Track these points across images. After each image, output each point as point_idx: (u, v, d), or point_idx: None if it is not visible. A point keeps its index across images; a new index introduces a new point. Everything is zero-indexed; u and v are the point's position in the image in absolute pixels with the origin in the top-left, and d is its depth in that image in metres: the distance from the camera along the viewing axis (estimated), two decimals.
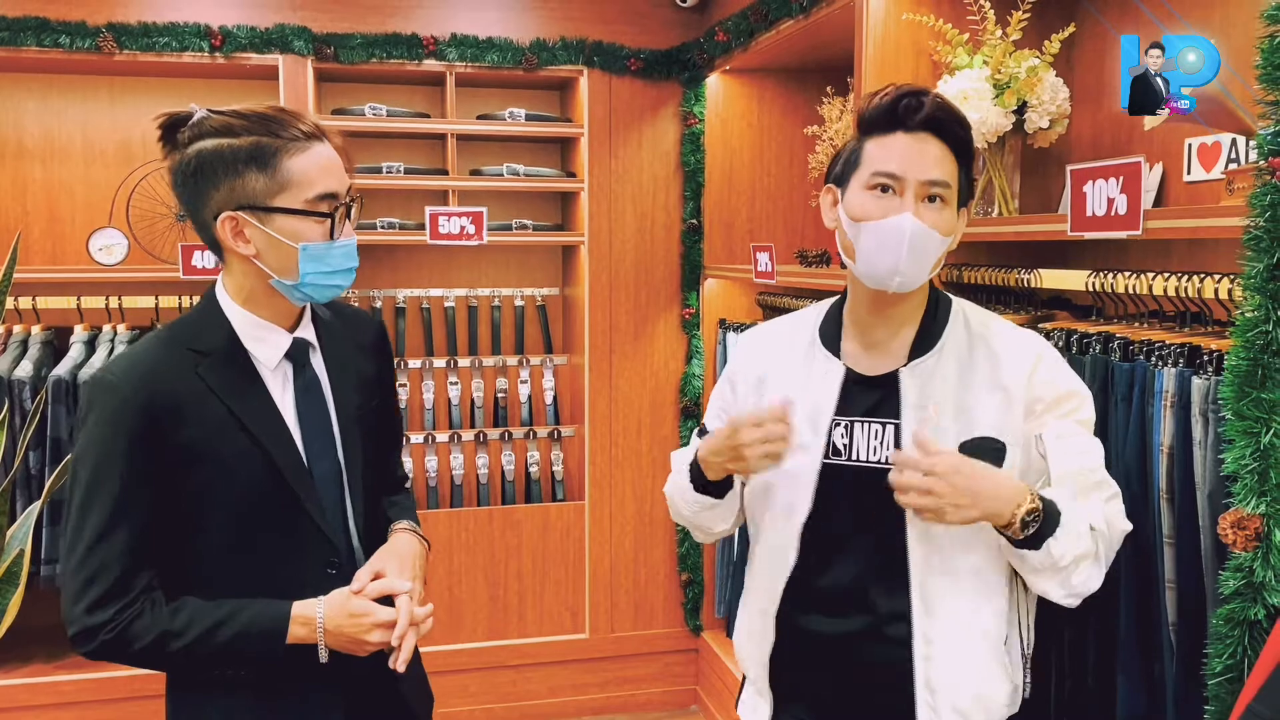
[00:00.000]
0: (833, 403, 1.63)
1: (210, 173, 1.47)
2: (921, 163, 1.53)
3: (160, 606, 1.47)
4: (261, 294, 1.55)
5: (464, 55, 3.56)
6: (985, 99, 2.20)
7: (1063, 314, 2.23)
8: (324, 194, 1.50)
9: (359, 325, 1.75)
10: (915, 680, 1.57)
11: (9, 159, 3.56)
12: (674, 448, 3.88)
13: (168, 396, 1.46)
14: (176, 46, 3.31)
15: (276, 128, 1.48)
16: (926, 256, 1.54)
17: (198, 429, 1.47)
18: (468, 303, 3.95)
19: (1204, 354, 1.68)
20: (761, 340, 1.79)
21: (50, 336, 3.41)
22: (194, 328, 1.56)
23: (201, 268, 3.27)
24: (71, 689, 3.28)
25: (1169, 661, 1.73)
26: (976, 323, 1.64)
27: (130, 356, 1.51)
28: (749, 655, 1.73)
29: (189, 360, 1.50)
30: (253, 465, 1.50)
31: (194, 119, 1.49)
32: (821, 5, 2.74)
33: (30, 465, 3.16)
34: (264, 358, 1.55)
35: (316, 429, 1.58)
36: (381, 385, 1.75)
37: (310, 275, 1.51)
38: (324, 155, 1.51)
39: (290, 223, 1.49)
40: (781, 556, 1.64)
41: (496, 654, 3.74)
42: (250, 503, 1.51)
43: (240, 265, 1.54)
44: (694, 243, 3.79)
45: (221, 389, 1.50)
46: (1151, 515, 1.74)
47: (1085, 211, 1.82)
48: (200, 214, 1.51)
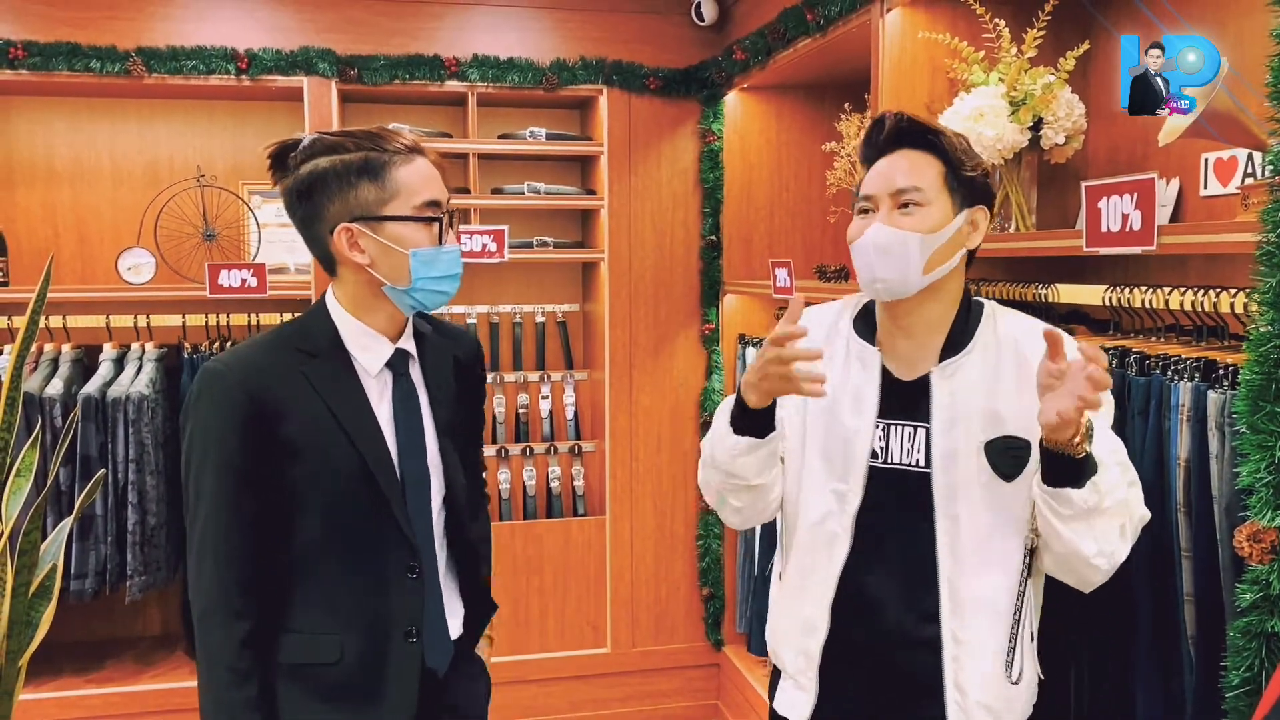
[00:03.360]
0: (875, 399, 1.67)
1: (324, 188, 1.56)
2: (890, 177, 1.63)
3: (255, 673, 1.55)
4: (371, 303, 1.63)
5: (485, 76, 3.61)
6: (1001, 116, 2.22)
7: (1080, 328, 2.23)
8: (429, 201, 1.59)
9: (456, 341, 1.83)
10: (945, 681, 1.61)
11: (40, 181, 3.63)
12: (695, 463, 3.89)
13: (273, 390, 1.55)
14: (204, 69, 3.37)
15: (383, 142, 1.57)
16: (905, 260, 1.59)
17: (298, 425, 1.55)
18: (489, 319, 3.98)
19: (1220, 368, 1.69)
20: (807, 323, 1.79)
21: (80, 355, 3.47)
22: (303, 330, 1.64)
23: (228, 286, 3.32)
24: (100, 703, 3.32)
25: (1188, 675, 1.73)
26: (1007, 325, 1.68)
27: (240, 351, 1.60)
28: (794, 647, 1.73)
29: (295, 359, 1.59)
30: (348, 464, 1.57)
31: (304, 143, 1.58)
32: (839, 24, 2.76)
33: (61, 482, 3.21)
34: (367, 364, 1.63)
35: (410, 437, 1.65)
36: (472, 401, 1.84)
37: (420, 280, 1.59)
38: (426, 166, 1.61)
39: (401, 229, 1.58)
40: (834, 547, 1.66)
41: (518, 668, 3.76)
42: (343, 500, 1.58)
43: (353, 275, 1.62)
44: (713, 259, 3.82)
45: (323, 388, 1.58)
46: (1169, 528, 1.75)
47: (1100, 227, 1.83)
48: (315, 229, 1.60)
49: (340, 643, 1.59)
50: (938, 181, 1.62)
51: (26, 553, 2.20)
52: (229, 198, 3.58)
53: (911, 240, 1.59)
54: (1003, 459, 1.59)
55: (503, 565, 3.75)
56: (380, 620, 1.61)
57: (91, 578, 3.24)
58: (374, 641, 1.60)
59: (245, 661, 1.53)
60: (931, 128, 1.64)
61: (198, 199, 3.58)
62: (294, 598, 1.59)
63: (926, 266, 1.60)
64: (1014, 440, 1.59)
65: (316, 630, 1.59)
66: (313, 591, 1.59)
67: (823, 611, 1.68)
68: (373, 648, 1.60)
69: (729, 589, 3.89)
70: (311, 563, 1.59)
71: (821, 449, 1.70)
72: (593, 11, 3.72)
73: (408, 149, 1.59)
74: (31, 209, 3.63)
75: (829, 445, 1.69)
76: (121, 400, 3.26)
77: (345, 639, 1.59)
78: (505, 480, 3.89)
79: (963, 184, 1.63)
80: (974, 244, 1.67)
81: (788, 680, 1.76)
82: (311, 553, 1.59)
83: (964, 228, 1.64)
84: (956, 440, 1.61)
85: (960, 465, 1.61)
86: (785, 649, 1.75)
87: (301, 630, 1.59)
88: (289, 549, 1.58)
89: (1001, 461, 1.59)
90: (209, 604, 1.54)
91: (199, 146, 3.70)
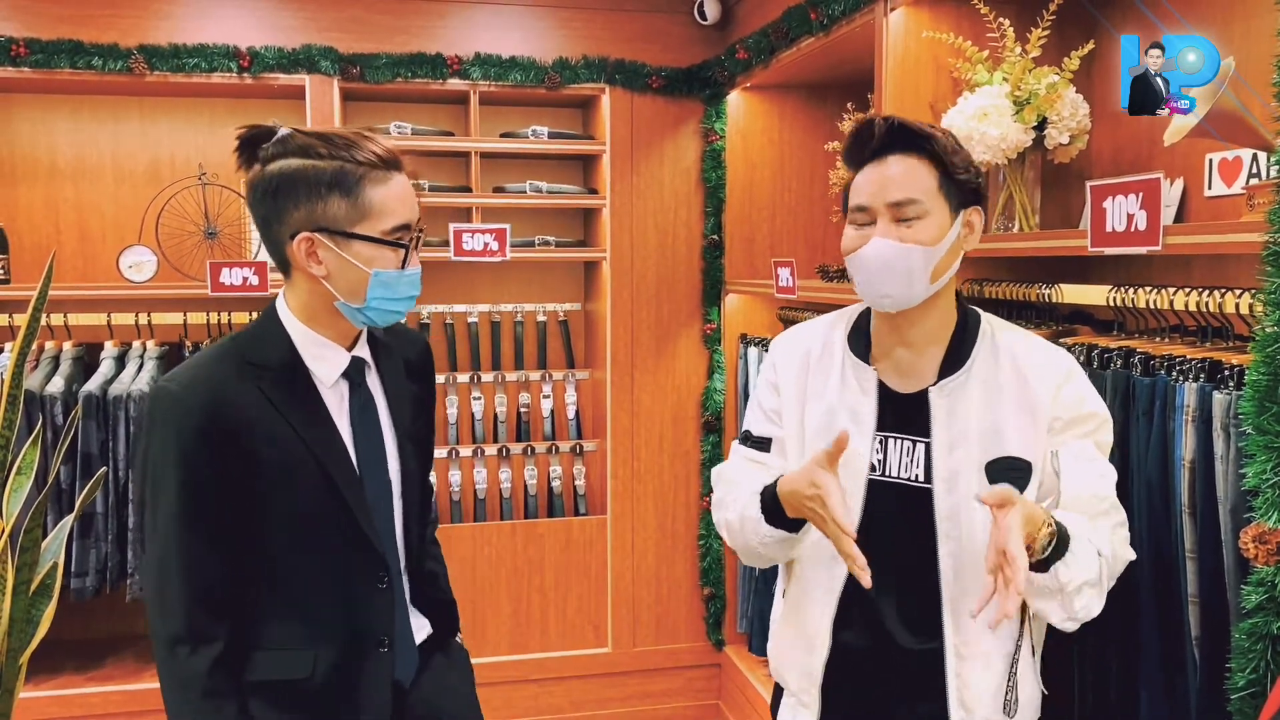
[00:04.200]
0: (873, 417, 1.65)
1: (291, 192, 1.50)
2: (884, 187, 1.58)
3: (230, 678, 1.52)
4: (324, 313, 1.58)
5: (488, 74, 3.60)
6: (1005, 115, 2.21)
7: (1084, 329, 2.23)
8: (401, 225, 1.53)
9: (406, 343, 1.78)
10: (949, 697, 1.60)
11: (42, 179, 3.63)
12: (696, 462, 3.90)
13: (231, 407, 1.50)
14: (206, 67, 3.37)
15: (359, 153, 1.50)
16: (910, 274, 1.57)
17: (258, 441, 1.51)
18: (491, 318, 3.98)
19: (1225, 369, 1.68)
20: (799, 343, 1.79)
21: (81, 353, 3.46)
22: (255, 341, 1.58)
23: (229, 285, 3.32)
24: (100, 701, 3.32)
25: (1192, 676, 1.73)
26: (1005, 340, 1.65)
27: (193, 368, 1.54)
28: (795, 666, 1.72)
29: (250, 373, 1.53)
30: (311, 478, 1.53)
31: (277, 136, 1.52)
32: (842, 23, 2.76)
33: (61, 480, 3.21)
34: (323, 375, 1.58)
35: (370, 446, 1.61)
36: (425, 403, 1.79)
37: (376, 300, 1.54)
38: (401, 186, 1.54)
39: (367, 250, 1.52)
40: (835, 568, 1.65)
41: (519, 668, 3.76)
42: (308, 514, 1.54)
43: (307, 284, 1.56)
44: (715, 258, 3.81)
45: (281, 403, 1.53)
46: (1174, 530, 1.74)
47: (1105, 227, 1.82)
48: (274, 231, 1.53)
49: (313, 657, 1.56)
50: (933, 189, 1.57)
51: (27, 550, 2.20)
52: (230, 196, 3.58)
53: (915, 254, 1.56)
54: (1004, 479, 1.56)
55: (504, 565, 3.75)
56: (352, 632, 1.58)
57: (92, 576, 3.24)
58: (346, 654, 1.57)
59: (221, 683, 1.50)
60: (923, 132, 1.58)
61: (199, 197, 3.57)
62: (264, 614, 1.55)
63: (933, 276, 1.58)
64: (1015, 460, 1.58)
65: (288, 645, 1.56)
66: (282, 607, 1.55)
67: (824, 629, 1.67)
68: (345, 660, 1.57)
69: (730, 589, 3.89)
70: (280, 578, 1.55)
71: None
72: (595, 10, 3.72)
73: (385, 163, 1.52)
74: (33, 206, 3.62)
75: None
76: (123, 398, 3.26)
77: (318, 653, 1.56)
78: (506, 480, 3.88)
79: (957, 187, 1.59)
80: (971, 245, 1.64)
81: (790, 697, 1.75)
82: (279, 568, 1.55)
83: (962, 231, 1.61)
84: (958, 461, 1.59)
85: (962, 486, 1.59)
86: (788, 669, 1.74)
87: (272, 647, 1.56)
88: (257, 565, 1.54)
89: (1002, 481, 1.57)
90: (178, 629, 1.49)
91: (201, 144, 3.69)
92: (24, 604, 2.22)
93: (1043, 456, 1.58)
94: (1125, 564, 1.58)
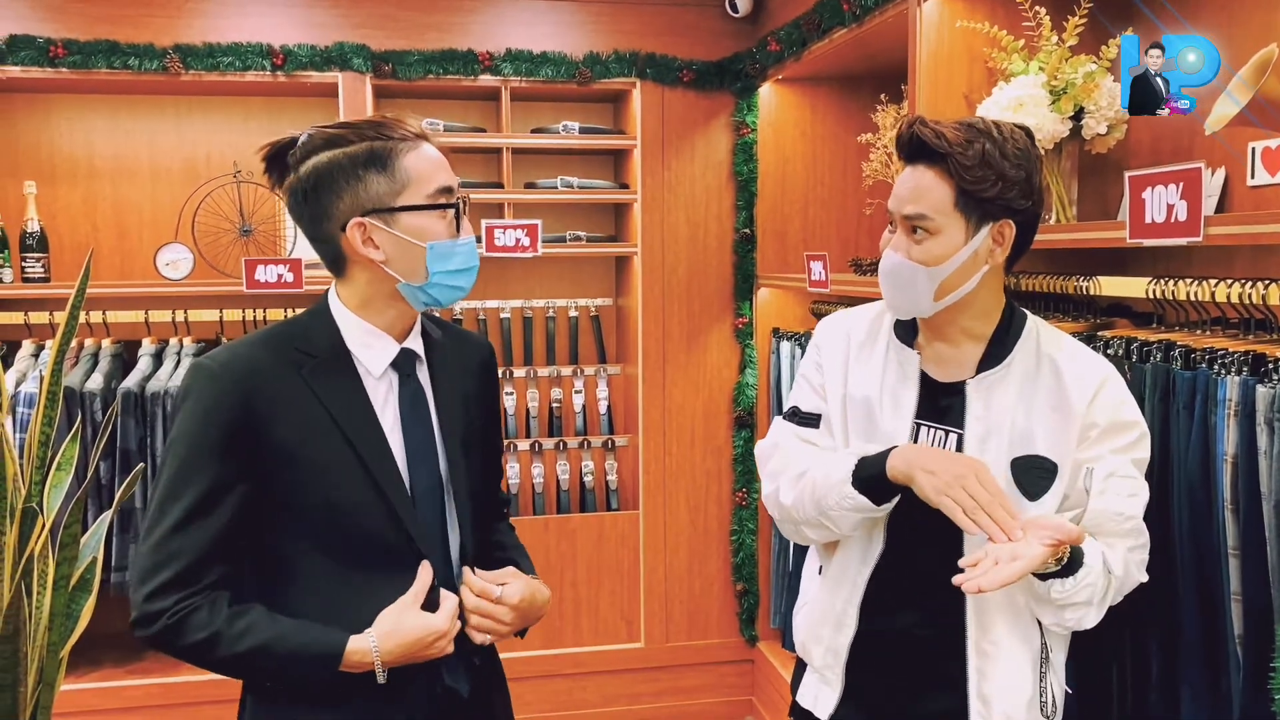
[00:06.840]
0: (913, 403, 1.65)
1: (330, 183, 1.47)
2: (902, 196, 1.59)
3: (221, 606, 1.45)
4: (381, 301, 1.55)
5: (518, 70, 3.61)
6: (1041, 105, 2.18)
7: (1122, 321, 2.20)
8: (442, 187, 1.51)
9: (469, 346, 1.73)
10: (969, 690, 1.60)
11: (81, 178, 3.67)
12: (728, 458, 3.88)
13: (266, 393, 1.46)
14: (239, 66, 3.40)
15: (387, 130, 1.49)
16: (914, 290, 1.58)
17: (293, 429, 1.47)
18: (523, 314, 3.99)
19: (1269, 362, 1.65)
20: (842, 325, 1.80)
21: (119, 350, 3.51)
22: (303, 329, 1.55)
23: (264, 281, 3.34)
24: (140, 694, 3.37)
25: (1235, 675, 1.70)
26: (1048, 343, 1.65)
27: (233, 349, 1.51)
28: (822, 641, 1.72)
29: (292, 359, 1.50)
30: (347, 471, 1.49)
31: (301, 139, 1.50)
32: (875, 13, 2.73)
33: (101, 475, 3.25)
34: (370, 364, 1.54)
35: (419, 442, 1.56)
36: (486, 407, 1.74)
37: (437, 275, 1.51)
38: (433, 151, 1.52)
39: (416, 220, 1.49)
40: (869, 546, 1.67)
41: (552, 662, 3.77)
42: (342, 510, 1.49)
43: (364, 274, 1.53)
44: (747, 252, 3.80)
45: (322, 391, 1.49)
46: (1216, 526, 1.71)
47: (1144, 218, 1.79)
48: (323, 228, 1.51)
49: None
50: (947, 205, 1.54)
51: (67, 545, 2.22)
52: (265, 193, 3.61)
53: (919, 273, 1.57)
54: (1028, 477, 1.57)
55: (536, 560, 3.70)
56: None
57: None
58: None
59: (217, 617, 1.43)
60: (941, 148, 1.52)
61: (234, 195, 3.60)
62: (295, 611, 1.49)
63: (937, 294, 1.58)
64: (1041, 460, 1.58)
65: None
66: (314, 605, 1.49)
67: (853, 609, 1.68)
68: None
69: (763, 585, 3.88)
70: (308, 573, 1.50)
71: (860, 450, 1.68)
72: (625, 4, 3.71)
73: (414, 134, 1.50)
74: (72, 205, 3.67)
75: (867, 447, 1.67)
76: (160, 394, 3.30)
77: None
78: (539, 475, 3.89)
79: (978, 204, 1.54)
80: (999, 260, 1.60)
81: (813, 674, 1.76)
82: (307, 561, 1.50)
83: (985, 244, 1.57)
84: (988, 455, 1.59)
85: None
86: (815, 644, 1.74)
87: None
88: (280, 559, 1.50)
89: (1026, 479, 1.57)
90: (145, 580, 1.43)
91: (235, 142, 3.72)
92: (64, 598, 2.25)
93: (1074, 467, 1.57)
94: (1135, 585, 1.58)
